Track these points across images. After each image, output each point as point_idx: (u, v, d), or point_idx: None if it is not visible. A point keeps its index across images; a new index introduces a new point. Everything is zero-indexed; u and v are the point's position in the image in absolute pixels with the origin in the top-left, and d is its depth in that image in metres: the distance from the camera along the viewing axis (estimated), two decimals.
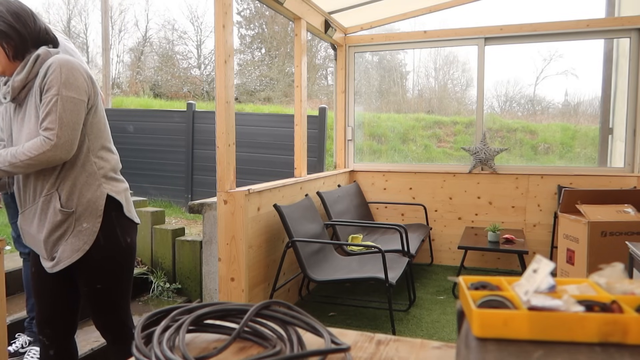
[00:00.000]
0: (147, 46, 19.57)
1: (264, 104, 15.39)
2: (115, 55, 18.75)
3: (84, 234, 1.62)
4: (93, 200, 1.62)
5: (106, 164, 1.67)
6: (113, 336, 1.77)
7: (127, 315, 1.79)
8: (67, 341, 1.79)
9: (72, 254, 1.62)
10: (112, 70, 14.85)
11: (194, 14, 21.44)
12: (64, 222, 1.61)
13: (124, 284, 1.75)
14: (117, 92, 16.56)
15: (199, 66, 19.05)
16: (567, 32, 4.28)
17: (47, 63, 1.55)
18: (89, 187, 1.62)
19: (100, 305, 1.72)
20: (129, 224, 1.73)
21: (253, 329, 0.68)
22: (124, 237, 1.70)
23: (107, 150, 1.69)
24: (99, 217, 1.63)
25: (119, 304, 1.75)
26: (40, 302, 1.75)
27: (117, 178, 1.71)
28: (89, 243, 1.62)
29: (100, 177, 1.64)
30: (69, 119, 1.52)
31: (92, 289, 1.68)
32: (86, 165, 1.61)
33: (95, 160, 1.63)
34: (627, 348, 0.49)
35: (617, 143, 4.79)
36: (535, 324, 0.50)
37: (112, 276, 1.70)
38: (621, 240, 2.76)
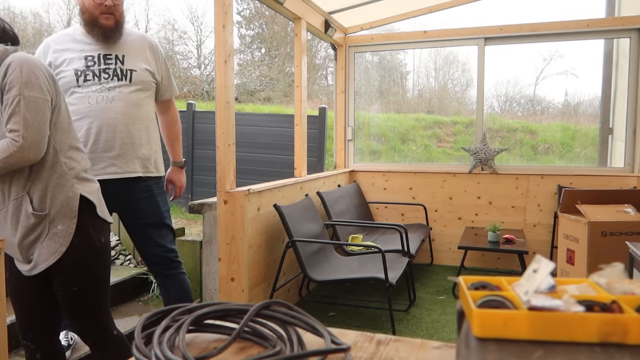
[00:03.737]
0: None
1: (264, 104, 15.38)
2: None
3: (59, 236, 1.59)
4: (66, 201, 1.60)
5: (76, 164, 1.65)
6: (94, 339, 1.74)
7: (107, 318, 1.77)
8: (52, 343, 1.77)
9: (49, 257, 1.60)
10: None
11: (194, 14, 21.42)
12: (38, 225, 1.58)
13: (101, 285, 1.72)
14: None
15: (199, 66, 19.04)
16: (567, 32, 4.28)
17: (5, 62, 1.50)
18: (61, 188, 1.59)
19: (78, 309, 1.69)
20: (102, 224, 1.71)
21: (253, 329, 0.68)
22: (98, 237, 1.68)
23: (76, 149, 1.67)
24: (73, 218, 1.60)
25: (97, 307, 1.72)
26: (20, 307, 1.72)
27: (88, 178, 1.69)
28: (65, 245, 1.59)
29: (71, 177, 1.62)
30: (33, 119, 1.49)
31: (68, 292, 1.65)
32: (56, 167, 1.59)
33: (64, 160, 1.61)
34: (627, 348, 0.49)
35: (617, 143, 4.79)
36: (535, 324, 0.50)
37: (88, 277, 1.67)
38: (621, 240, 2.76)
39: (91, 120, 2.10)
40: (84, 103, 2.11)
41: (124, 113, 2.15)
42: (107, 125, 2.12)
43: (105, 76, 2.13)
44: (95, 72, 2.12)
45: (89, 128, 2.11)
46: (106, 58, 2.15)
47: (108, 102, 2.12)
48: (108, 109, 2.12)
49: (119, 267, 3.71)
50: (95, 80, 2.12)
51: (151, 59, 2.29)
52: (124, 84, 2.16)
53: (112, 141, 2.13)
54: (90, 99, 2.11)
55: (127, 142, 2.16)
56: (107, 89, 2.12)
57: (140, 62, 2.22)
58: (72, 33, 2.18)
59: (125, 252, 3.88)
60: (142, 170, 2.24)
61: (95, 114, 2.10)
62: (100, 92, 2.12)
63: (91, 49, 2.15)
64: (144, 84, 2.23)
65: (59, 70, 2.12)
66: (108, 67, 2.14)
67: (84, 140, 2.11)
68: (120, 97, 2.14)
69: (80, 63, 2.12)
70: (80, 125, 2.10)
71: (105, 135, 2.12)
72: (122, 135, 2.15)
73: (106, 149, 2.13)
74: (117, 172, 2.16)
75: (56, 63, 2.13)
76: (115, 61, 2.16)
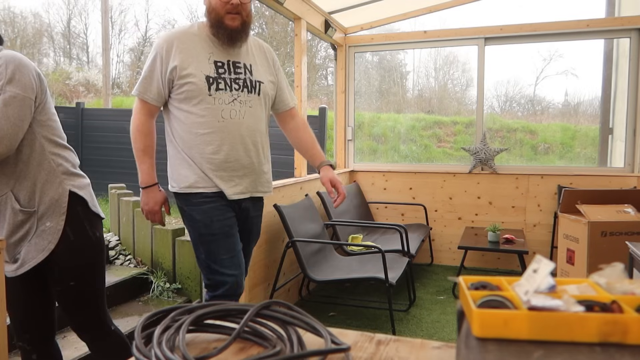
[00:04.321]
0: (147, 46, 19.56)
1: None
2: (115, 55, 18.76)
3: (47, 233, 1.60)
4: (56, 198, 1.60)
5: (64, 161, 1.65)
6: (91, 334, 1.75)
7: (104, 313, 1.77)
8: (48, 344, 1.76)
9: (37, 254, 1.60)
10: (112, 70, 14.85)
11: (194, 14, 21.42)
12: (26, 222, 1.59)
13: (97, 280, 1.73)
14: (117, 92, 16.56)
15: None
16: (567, 32, 4.28)
17: None
18: (50, 185, 1.60)
19: (76, 304, 1.70)
20: (96, 219, 1.72)
21: (253, 329, 0.68)
22: (93, 232, 1.69)
23: (63, 147, 1.67)
24: (62, 214, 1.61)
25: (94, 301, 1.73)
26: (14, 308, 1.72)
27: (77, 174, 1.69)
28: (54, 242, 1.60)
29: (60, 174, 1.62)
30: (11, 113, 1.49)
31: (65, 287, 1.66)
32: (43, 164, 1.59)
33: (52, 157, 1.61)
34: (627, 348, 0.49)
35: (617, 143, 4.79)
36: (535, 324, 0.50)
37: (84, 272, 1.68)
38: (621, 240, 2.76)
39: (223, 137, 1.92)
40: (215, 116, 1.91)
41: (254, 129, 1.99)
42: (239, 143, 1.95)
43: (236, 87, 1.94)
44: (227, 80, 1.92)
45: (220, 145, 1.92)
46: (236, 66, 1.96)
47: (240, 117, 1.94)
48: (240, 125, 1.94)
49: (119, 267, 3.71)
50: (226, 90, 1.92)
51: (273, 70, 2.13)
52: (253, 97, 1.98)
53: (243, 160, 1.98)
54: (224, 113, 1.92)
55: (255, 161, 2.02)
56: (239, 102, 1.94)
57: (266, 74, 2.06)
58: (196, 32, 1.95)
59: (125, 252, 3.89)
60: (263, 190, 2.12)
61: (229, 130, 1.92)
62: (232, 106, 1.93)
63: (219, 53, 1.94)
64: (269, 98, 2.08)
65: (187, 72, 1.88)
66: (238, 77, 1.95)
67: (212, 157, 1.93)
68: (250, 112, 1.97)
69: (210, 68, 1.91)
70: (209, 141, 1.91)
71: (236, 154, 1.95)
72: (251, 154, 2.00)
73: (235, 167, 1.97)
74: (244, 192, 2.02)
75: (183, 65, 1.89)
76: (244, 71, 1.98)
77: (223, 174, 1.95)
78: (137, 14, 28.50)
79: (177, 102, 1.93)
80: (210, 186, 1.95)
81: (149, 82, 1.91)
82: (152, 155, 1.98)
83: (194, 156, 1.94)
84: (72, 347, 2.62)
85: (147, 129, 1.95)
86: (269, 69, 2.10)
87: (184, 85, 1.88)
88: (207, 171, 1.94)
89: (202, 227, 1.97)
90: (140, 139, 1.94)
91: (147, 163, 1.96)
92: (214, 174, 1.94)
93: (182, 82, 1.88)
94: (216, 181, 1.94)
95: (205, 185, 1.95)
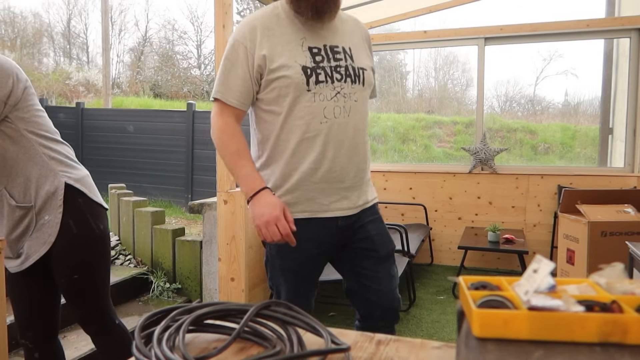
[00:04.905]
0: (147, 46, 19.58)
1: None
2: (115, 55, 18.77)
3: (47, 227, 1.61)
4: (52, 191, 1.61)
5: (57, 154, 1.65)
6: (96, 327, 1.76)
7: (109, 306, 1.78)
8: (51, 343, 1.77)
9: (40, 248, 1.61)
10: (112, 70, 14.86)
11: (194, 14, 21.45)
12: (24, 217, 1.61)
13: (102, 273, 1.74)
14: (117, 92, 16.57)
15: (199, 66, 19.05)
16: (567, 32, 4.28)
17: None
18: (45, 179, 1.60)
19: (80, 296, 1.71)
20: (99, 210, 1.72)
21: (253, 329, 0.68)
22: (97, 224, 1.69)
23: (54, 141, 1.67)
24: (59, 207, 1.61)
25: (98, 293, 1.74)
26: (18, 305, 1.73)
27: (73, 166, 1.69)
28: (54, 235, 1.61)
29: (54, 167, 1.62)
30: None
31: (70, 280, 1.66)
32: (35, 159, 1.60)
33: (43, 151, 1.62)
34: (627, 348, 0.49)
35: (617, 143, 4.79)
36: (535, 324, 0.50)
37: (89, 265, 1.69)
38: (621, 240, 2.76)
39: (326, 141, 1.52)
40: (317, 117, 1.50)
41: (359, 129, 1.59)
42: (344, 147, 1.55)
43: (337, 77, 1.53)
44: (327, 70, 1.51)
45: (322, 152, 1.52)
46: (334, 51, 1.55)
47: (345, 115, 1.53)
48: (345, 126, 1.54)
49: (119, 267, 3.71)
50: (327, 83, 1.51)
51: (370, 54, 1.71)
52: (358, 89, 1.57)
53: (348, 168, 1.57)
54: (326, 112, 1.51)
55: (362, 168, 1.62)
56: (342, 95, 1.53)
57: (366, 58, 1.64)
58: (281, 13, 1.55)
59: (125, 252, 3.89)
60: (372, 197, 1.69)
61: (333, 133, 1.52)
62: (336, 102, 1.52)
63: (313, 37, 1.53)
64: (370, 87, 1.66)
65: (278, 64, 1.48)
66: (339, 65, 1.54)
67: (313, 166, 1.53)
68: (355, 107, 1.56)
69: (304, 57, 1.50)
70: (309, 147, 1.52)
71: (341, 162, 1.55)
72: (358, 160, 1.59)
73: (340, 178, 1.56)
74: (350, 206, 1.60)
75: (272, 56, 1.49)
76: (344, 56, 1.56)
77: (325, 186, 1.55)
78: (137, 14, 28.52)
79: (266, 103, 1.54)
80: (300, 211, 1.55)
81: (231, 79, 1.52)
82: (248, 157, 1.55)
83: (292, 167, 1.54)
84: (72, 347, 2.62)
85: (234, 129, 1.54)
86: (367, 51, 1.68)
87: (275, 80, 1.50)
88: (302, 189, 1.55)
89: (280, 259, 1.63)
90: (229, 141, 1.53)
91: (248, 166, 1.53)
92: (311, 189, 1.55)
93: (272, 77, 1.50)
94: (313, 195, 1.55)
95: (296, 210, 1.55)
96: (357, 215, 1.62)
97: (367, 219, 1.65)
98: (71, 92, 14.84)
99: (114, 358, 1.74)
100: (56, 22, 19.54)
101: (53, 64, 18.44)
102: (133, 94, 16.35)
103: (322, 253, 1.63)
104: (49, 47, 19.37)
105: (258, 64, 1.49)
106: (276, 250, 1.61)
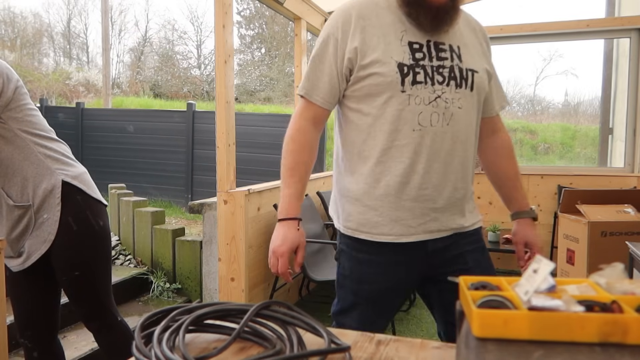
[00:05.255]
0: (147, 46, 19.58)
1: (264, 104, 15.39)
2: (115, 55, 18.78)
3: (46, 225, 1.62)
4: (49, 189, 1.61)
5: (52, 152, 1.66)
6: (98, 324, 1.76)
7: (111, 303, 1.79)
8: (51, 342, 1.77)
9: (41, 246, 1.62)
10: (112, 70, 14.86)
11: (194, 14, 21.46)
12: (23, 216, 1.61)
13: (103, 270, 1.74)
14: (117, 92, 16.58)
15: (199, 66, 19.06)
16: (567, 32, 4.28)
17: None
18: (42, 177, 1.61)
19: (82, 293, 1.71)
20: (98, 207, 1.72)
21: (253, 329, 0.68)
22: (96, 221, 1.69)
23: (48, 139, 1.68)
24: (57, 205, 1.62)
25: (100, 290, 1.74)
26: (18, 304, 1.73)
27: (70, 163, 1.70)
28: (53, 233, 1.62)
29: (50, 165, 1.63)
30: None
31: (71, 277, 1.67)
32: (30, 158, 1.61)
33: (38, 150, 1.62)
34: (627, 348, 0.49)
35: (617, 143, 4.79)
36: (535, 324, 0.50)
37: (89, 261, 1.69)
38: (621, 240, 2.76)
39: (417, 152, 1.30)
40: (409, 123, 1.30)
41: (461, 140, 1.34)
42: (439, 161, 1.32)
43: (439, 78, 1.31)
44: (427, 70, 1.31)
45: (412, 164, 1.31)
46: (439, 49, 1.34)
47: (444, 123, 1.31)
48: (443, 136, 1.31)
49: (119, 267, 3.71)
50: (426, 84, 1.30)
51: (487, 54, 1.49)
52: (464, 94, 1.34)
53: (442, 185, 1.33)
54: (421, 118, 1.30)
55: (459, 187, 1.37)
56: (443, 100, 1.31)
57: (480, 59, 1.42)
58: (381, 1, 1.36)
59: (125, 252, 3.89)
60: (471, 222, 1.43)
61: (427, 144, 1.30)
62: (434, 107, 1.30)
63: (415, 31, 1.33)
64: (483, 93, 1.42)
65: (371, 59, 1.30)
66: (442, 65, 1.33)
67: (400, 180, 1.32)
68: (458, 115, 1.33)
69: (402, 52, 1.30)
70: (397, 157, 1.31)
71: (434, 178, 1.32)
72: (454, 177, 1.35)
73: (431, 197, 1.33)
74: (440, 228, 1.36)
75: (365, 48, 1.31)
76: (451, 55, 1.35)
77: (413, 204, 1.33)
78: (137, 14, 28.53)
79: (355, 101, 1.37)
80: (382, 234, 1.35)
81: (318, 75, 1.38)
82: (302, 177, 1.42)
83: (375, 179, 1.36)
84: (72, 347, 2.62)
85: (305, 140, 1.40)
86: (483, 52, 1.45)
87: (366, 77, 1.32)
88: (387, 207, 1.34)
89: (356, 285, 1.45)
90: (291, 153, 1.39)
91: (293, 188, 1.41)
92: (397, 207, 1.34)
93: (363, 74, 1.32)
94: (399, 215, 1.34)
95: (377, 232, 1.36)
96: (451, 239, 1.38)
97: (466, 247, 1.41)
98: (71, 92, 14.84)
99: (117, 355, 1.75)
100: (56, 22, 19.55)
101: (53, 64, 18.45)
102: (133, 94, 16.35)
103: (406, 282, 1.43)
104: (49, 47, 19.39)
105: (348, 57, 1.33)
106: (350, 270, 1.43)
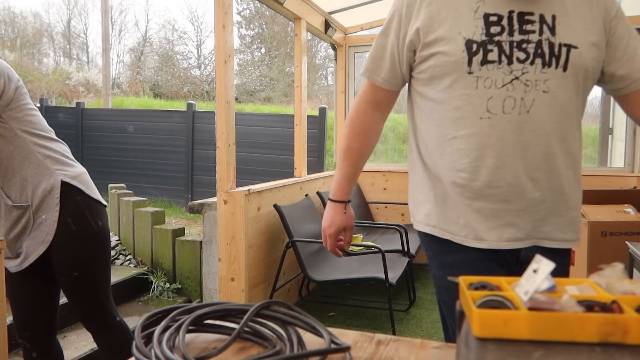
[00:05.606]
0: (147, 46, 19.59)
1: (264, 104, 15.39)
2: (115, 55, 18.78)
3: (44, 225, 1.62)
4: (48, 189, 1.61)
5: (52, 152, 1.66)
6: (97, 324, 1.76)
7: (110, 303, 1.79)
8: (49, 342, 1.77)
9: (39, 246, 1.62)
10: (112, 70, 14.86)
11: (194, 14, 21.46)
12: (22, 216, 1.61)
13: (102, 270, 1.75)
14: (117, 92, 16.58)
15: (199, 66, 19.06)
16: None
17: None
18: (41, 177, 1.61)
19: (81, 294, 1.71)
20: (97, 207, 1.72)
21: (253, 329, 0.68)
22: (95, 221, 1.69)
23: (48, 139, 1.68)
24: (56, 205, 1.62)
25: (99, 291, 1.74)
26: (17, 305, 1.73)
27: (69, 163, 1.70)
28: (51, 233, 1.62)
29: (50, 165, 1.63)
30: None
31: (70, 277, 1.67)
32: (30, 158, 1.61)
33: (38, 150, 1.62)
34: (627, 348, 0.49)
35: (617, 143, 4.79)
36: (535, 324, 0.50)
37: (88, 262, 1.69)
38: (621, 240, 2.76)
39: (484, 144, 1.12)
40: (477, 109, 1.12)
41: (547, 132, 1.12)
42: (514, 155, 1.12)
43: (520, 56, 1.10)
44: (504, 46, 1.10)
45: (478, 158, 1.13)
46: (524, 21, 1.11)
47: (522, 110, 1.10)
48: (520, 125, 1.11)
49: (119, 267, 3.71)
50: (501, 64, 1.10)
51: (602, 23, 1.16)
52: (553, 74, 1.11)
53: (519, 184, 1.13)
54: (491, 104, 1.11)
55: (546, 187, 1.15)
56: (523, 82, 1.10)
57: (585, 31, 1.13)
58: None
59: (125, 252, 3.89)
60: (562, 236, 1.18)
61: (496, 134, 1.11)
62: (509, 91, 1.10)
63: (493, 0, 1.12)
64: (588, 74, 1.15)
65: (435, 36, 1.13)
66: (526, 40, 1.10)
67: (465, 176, 1.15)
68: (544, 100, 1.11)
69: (473, 27, 1.11)
70: (461, 150, 1.15)
71: (509, 174, 1.12)
72: (538, 175, 1.14)
73: (505, 197, 1.13)
74: (519, 237, 1.15)
75: (430, 24, 1.14)
76: (540, 27, 1.11)
77: (482, 205, 1.15)
78: (137, 14, 28.52)
79: (421, 84, 1.22)
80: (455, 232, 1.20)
81: (381, 54, 1.25)
82: (356, 161, 1.36)
83: (440, 174, 1.20)
84: (72, 347, 2.62)
85: (362, 123, 1.32)
86: (593, 21, 1.15)
87: (430, 57, 1.16)
88: (457, 201, 1.18)
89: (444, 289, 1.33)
90: (345, 137, 1.35)
91: (344, 171, 1.36)
92: (467, 205, 1.16)
93: (426, 53, 1.16)
94: (469, 218, 1.17)
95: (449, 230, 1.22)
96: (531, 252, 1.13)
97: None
98: (71, 92, 14.84)
99: (116, 355, 1.75)
100: (56, 22, 19.56)
101: (53, 64, 18.45)
102: (133, 94, 16.35)
103: None
104: (49, 47, 19.39)
105: (410, 39, 1.17)
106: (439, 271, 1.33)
